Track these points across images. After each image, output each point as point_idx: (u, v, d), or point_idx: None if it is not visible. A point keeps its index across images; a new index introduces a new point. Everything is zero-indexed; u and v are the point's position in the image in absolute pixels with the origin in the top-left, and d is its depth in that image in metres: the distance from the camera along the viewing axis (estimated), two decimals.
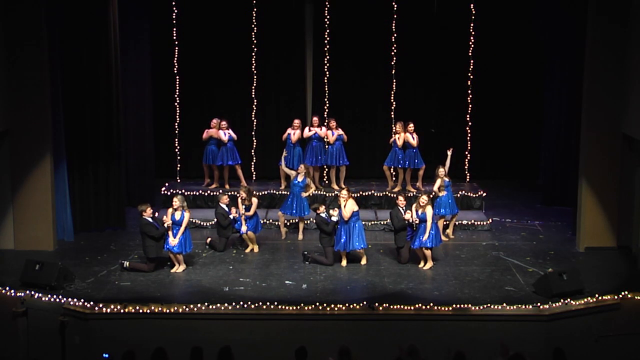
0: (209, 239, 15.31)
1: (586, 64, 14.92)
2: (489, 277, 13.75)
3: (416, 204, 14.18)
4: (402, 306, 12.44)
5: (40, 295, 12.72)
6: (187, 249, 14.06)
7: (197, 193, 17.16)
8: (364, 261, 14.44)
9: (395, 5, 18.20)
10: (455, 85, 18.55)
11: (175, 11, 18.07)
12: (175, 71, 18.36)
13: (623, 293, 12.85)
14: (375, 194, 17.22)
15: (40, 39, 14.43)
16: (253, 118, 18.65)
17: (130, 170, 17.58)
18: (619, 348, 11.93)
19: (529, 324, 12.31)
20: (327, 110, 18.41)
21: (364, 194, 17.11)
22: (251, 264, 14.47)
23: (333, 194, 16.78)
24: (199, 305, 12.40)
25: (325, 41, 18.31)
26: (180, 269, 13.98)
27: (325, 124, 17.23)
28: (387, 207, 16.66)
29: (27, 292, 12.79)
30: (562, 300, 12.60)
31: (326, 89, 18.50)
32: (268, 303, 12.47)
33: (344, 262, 14.36)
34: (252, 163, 18.60)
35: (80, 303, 12.48)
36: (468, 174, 18.65)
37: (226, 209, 14.98)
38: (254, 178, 18.56)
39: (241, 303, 12.47)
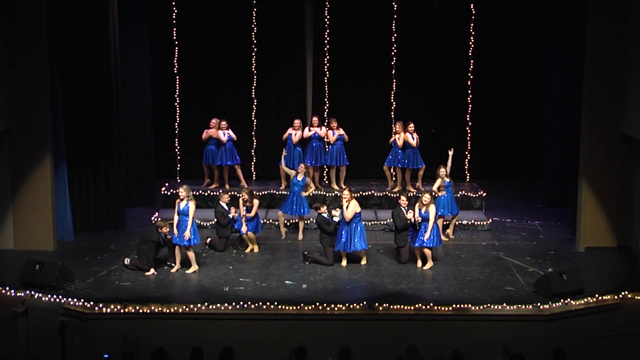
0: (209, 239, 15.29)
1: (586, 64, 14.91)
2: (489, 277, 13.74)
3: (419, 202, 14.18)
4: (402, 306, 12.44)
5: (40, 295, 12.72)
6: (194, 241, 13.95)
7: (197, 193, 17.11)
8: (364, 261, 14.43)
9: (395, 5, 18.19)
10: (455, 85, 18.54)
11: (175, 11, 18.07)
12: (175, 71, 18.36)
13: (623, 293, 12.85)
14: (375, 194, 17.21)
15: (40, 39, 14.42)
16: (253, 118, 18.64)
17: (130, 170, 17.58)
18: (619, 348, 11.91)
19: (529, 324, 12.30)
20: (327, 110, 18.41)
21: (364, 194, 17.10)
22: (251, 264, 14.46)
23: (333, 194, 16.77)
24: (199, 305, 12.39)
25: (325, 41, 18.30)
26: (191, 269, 13.89)
27: (326, 123, 17.22)
28: (387, 207, 16.67)
29: (27, 292, 12.79)
30: (562, 300, 12.59)
31: (326, 89, 18.49)
32: (268, 303, 12.47)
33: (344, 262, 14.35)
34: (252, 163, 18.59)
35: (80, 303, 12.48)
36: (468, 174, 18.64)
37: (226, 207, 14.96)
38: (254, 178, 18.55)
39: (241, 303, 12.47)
